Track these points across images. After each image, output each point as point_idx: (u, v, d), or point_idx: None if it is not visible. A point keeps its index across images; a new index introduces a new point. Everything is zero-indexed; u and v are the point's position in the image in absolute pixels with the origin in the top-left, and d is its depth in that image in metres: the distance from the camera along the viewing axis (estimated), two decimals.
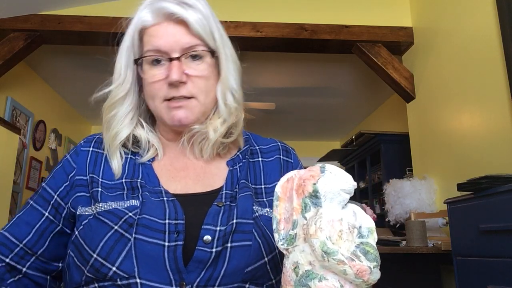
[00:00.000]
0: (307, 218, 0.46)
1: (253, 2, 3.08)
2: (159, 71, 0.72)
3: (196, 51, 0.72)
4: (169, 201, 0.68)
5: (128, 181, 0.72)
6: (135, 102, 0.78)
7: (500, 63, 2.08)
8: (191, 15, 0.71)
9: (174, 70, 0.70)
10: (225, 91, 0.76)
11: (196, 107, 0.73)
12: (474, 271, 1.70)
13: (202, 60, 0.73)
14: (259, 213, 0.69)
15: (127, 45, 0.76)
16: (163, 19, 0.72)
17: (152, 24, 0.72)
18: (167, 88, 0.71)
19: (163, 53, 0.71)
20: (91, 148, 0.79)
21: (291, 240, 0.48)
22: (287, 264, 0.48)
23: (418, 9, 3.00)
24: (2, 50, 2.85)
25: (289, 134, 6.05)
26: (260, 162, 0.79)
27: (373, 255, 0.44)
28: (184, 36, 0.71)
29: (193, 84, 0.72)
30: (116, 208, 0.66)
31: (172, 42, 0.71)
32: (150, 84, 0.73)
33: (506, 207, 1.53)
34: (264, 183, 0.75)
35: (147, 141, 0.77)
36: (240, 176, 0.75)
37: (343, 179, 0.48)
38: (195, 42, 0.72)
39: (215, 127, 0.74)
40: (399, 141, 3.71)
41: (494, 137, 2.13)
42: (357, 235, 0.46)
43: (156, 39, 0.72)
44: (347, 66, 3.87)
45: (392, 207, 2.87)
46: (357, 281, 0.43)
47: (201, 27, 0.72)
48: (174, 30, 0.71)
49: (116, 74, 0.76)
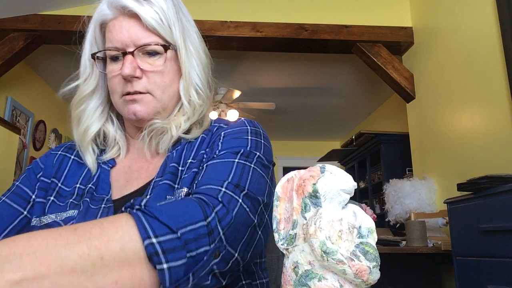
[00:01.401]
0: (307, 218, 0.46)
1: (253, 2, 3.09)
2: (117, 66, 0.71)
3: (150, 45, 0.70)
4: (104, 208, 0.67)
5: (82, 187, 0.72)
6: (104, 96, 0.77)
7: (500, 63, 2.08)
8: (145, 9, 0.69)
9: (126, 64, 0.69)
10: (188, 87, 0.74)
11: (152, 102, 0.71)
12: (474, 271, 1.70)
13: (158, 56, 0.71)
14: None
15: (90, 39, 0.75)
16: (119, 13, 0.71)
17: (110, 18, 0.72)
18: (123, 83, 0.71)
19: (119, 48, 0.70)
20: (60, 151, 0.80)
21: (291, 240, 0.48)
22: (287, 264, 0.48)
23: (418, 9, 3.00)
24: (2, 50, 2.85)
25: (289, 134, 6.05)
26: (198, 139, 0.75)
27: (373, 255, 0.44)
28: (137, 30, 0.70)
29: (148, 80, 0.71)
30: (54, 221, 0.67)
31: (126, 37, 0.70)
32: (110, 79, 0.73)
33: (506, 207, 1.53)
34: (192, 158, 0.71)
35: (114, 138, 0.77)
36: (173, 160, 0.71)
37: (343, 179, 0.48)
38: (149, 37, 0.70)
39: (178, 124, 0.73)
40: (399, 141, 3.71)
41: (494, 137, 2.13)
42: (357, 235, 0.46)
43: (112, 34, 0.71)
44: (347, 66, 3.87)
45: (392, 207, 2.87)
46: (356, 281, 0.44)
47: (156, 21, 0.69)
48: (128, 25, 0.70)
49: (82, 69, 0.76)
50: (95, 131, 0.75)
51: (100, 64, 0.75)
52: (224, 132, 0.73)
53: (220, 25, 2.92)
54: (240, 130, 0.72)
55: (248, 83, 4.26)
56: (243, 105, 4.36)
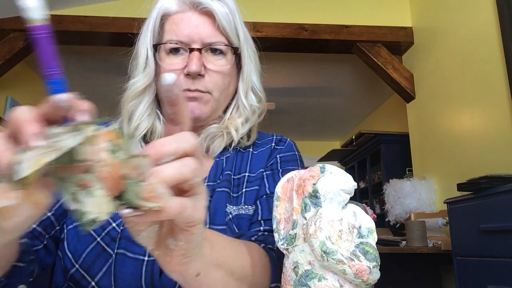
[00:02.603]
0: (307, 218, 0.46)
1: (253, 2, 3.08)
2: (177, 60, 0.69)
3: (219, 45, 0.69)
4: None
5: None
6: (154, 93, 0.74)
7: (500, 63, 2.08)
8: (218, 7, 0.68)
9: (194, 61, 0.67)
10: (247, 90, 0.74)
11: (210, 102, 0.70)
12: (474, 271, 1.70)
13: (223, 56, 0.70)
14: (233, 214, 0.66)
15: (150, 29, 0.72)
16: (188, 8, 0.69)
17: (176, 11, 0.70)
18: (183, 79, 0.68)
19: (184, 42, 0.68)
20: None
21: (291, 240, 0.48)
22: (287, 264, 0.48)
23: (418, 9, 3.00)
24: (2, 50, 2.85)
25: (289, 134, 5.97)
26: (249, 153, 0.75)
27: (373, 255, 0.44)
28: (208, 28, 0.68)
29: (210, 79, 0.69)
30: None
31: (195, 32, 0.68)
32: None
33: (506, 207, 1.53)
34: (249, 171, 0.71)
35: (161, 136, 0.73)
36: (225, 167, 0.71)
37: (343, 179, 0.48)
38: (217, 36, 0.69)
39: (236, 127, 0.72)
40: (399, 141, 3.71)
41: (494, 137, 2.13)
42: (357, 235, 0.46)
43: (179, 27, 0.68)
44: (347, 66, 3.87)
45: (392, 207, 2.87)
46: (356, 281, 0.44)
47: (227, 22, 0.69)
48: (198, 21, 0.68)
49: (141, 60, 0.71)
50: (145, 129, 0.71)
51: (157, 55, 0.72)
52: (279, 156, 0.75)
53: None
54: (292, 158, 0.76)
55: None
56: None
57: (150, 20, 0.72)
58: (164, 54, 0.70)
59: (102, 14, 2.88)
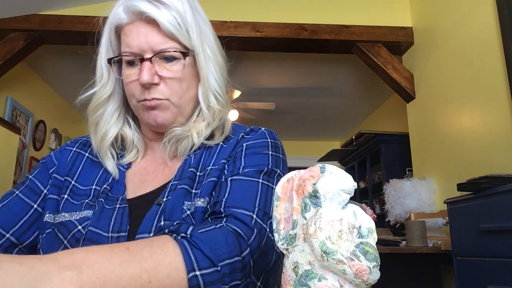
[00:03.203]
0: (307, 218, 0.46)
1: (253, 2, 3.09)
2: (133, 71, 0.70)
3: (168, 52, 0.69)
4: (120, 208, 0.67)
5: (97, 188, 0.71)
6: (120, 100, 0.76)
7: (500, 63, 2.08)
8: (163, 14, 0.67)
9: (144, 71, 0.67)
10: (207, 93, 0.73)
11: (170, 108, 0.71)
12: (474, 271, 1.70)
13: (176, 61, 0.70)
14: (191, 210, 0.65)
15: (105, 43, 0.74)
16: (136, 18, 0.69)
17: (126, 22, 0.70)
18: (140, 89, 0.69)
19: (136, 53, 0.69)
20: (75, 148, 0.79)
21: (291, 240, 0.48)
22: (287, 264, 0.48)
23: (418, 9, 3.00)
24: (2, 50, 2.85)
25: (289, 134, 6.05)
26: (218, 146, 0.75)
27: (373, 255, 0.44)
28: (155, 36, 0.68)
29: (166, 86, 0.70)
30: (69, 220, 0.66)
31: (143, 42, 0.68)
32: (127, 84, 0.72)
33: (506, 207, 1.53)
34: (212, 165, 0.71)
35: (132, 141, 0.76)
36: (192, 164, 0.72)
37: (343, 179, 0.48)
38: (167, 42, 0.69)
39: (199, 130, 0.73)
40: (399, 141, 3.71)
41: (494, 137, 2.13)
42: (357, 235, 0.46)
43: (129, 39, 0.69)
44: (347, 66, 3.87)
45: (392, 207, 2.87)
46: (356, 281, 0.44)
47: (174, 26, 0.68)
48: (145, 30, 0.68)
49: (98, 74, 0.74)
50: (113, 136, 0.74)
51: (115, 68, 0.73)
52: (246, 144, 0.73)
53: (220, 25, 2.92)
54: (261, 144, 0.73)
55: (248, 83, 4.26)
56: (243, 105, 4.36)
57: (104, 34, 0.74)
58: (124, 66, 0.72)
59: (102, 14, 2.87)
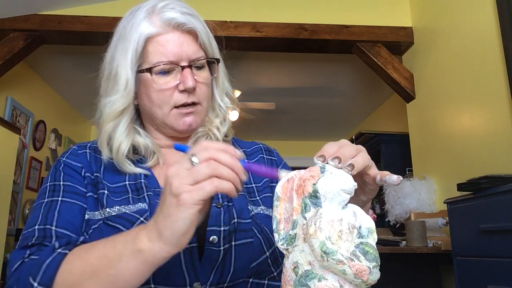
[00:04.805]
0: (307, 218, 0.46)
1: (253, 2, 3.08)
2: (169, 78, 0.74)
3: (201, 60, 0.75)
4: None
5: (132, 183, 0.72)
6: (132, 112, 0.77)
7: (500, 63, 2.08)
8: (200, 25, 0.75)
9: (189, 77, 0.73)
10: (222, 94, 0.82)
11: (202, 112, 0.77)
12: (474, 271, 1.70)
13: (203, 69, 0.77)
14: (255, 212, 0.73)
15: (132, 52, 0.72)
16: (171, 29, 0.73)
17: (158, 33, 0.72)
18: (178, 95, 0.74)
19: (173, 62, 0.73)
20: (88, 150, 0.78)
21: (291, 240, 0.48)
22: (287, 264, 0.48)
23: (418, 9, 3.00)
24: (2, 50, 2.85)
25: (289, 134, 6.05)
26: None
27: (373, 255, 0.44)
28: (191, 45, 0.74)
29: (200, 91, 0.76)
30: (125, 212, 0.67)
31: (181, 51, 0.73)
32: (159, 92, 0.73)
33: (506, 207, 1.53)
34: (254, 183, 0.79)
35: (146, 148, 0.76)
36: None
37: (343, 179, 0.48)
38: (199, 51, 0.75)
39: (217, 126, 0.80)
40: (399, 141, 3.71)
41: (494, 137, 2.13)
42: (357, 235, 0.46)
43: (166, 48, 0.72)
44: (347, 66, 3.87)
45: (392, 207, 2.87)
46: (356, 281, 0.44)
47: (205, 37, 0.76)
48: (183, 40, 0.73)
49: (121, 81, 0.73)
50: (127, 148, 0.74)
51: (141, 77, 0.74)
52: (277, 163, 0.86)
53: (220, 25, 2.92)
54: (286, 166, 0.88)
55: (248, 83, 4.26)
56: (243, 105, 4.36)
57: (129, 42, 0.73)
58: (154, 75, 0.73)
59: (102, 14, 2.88)
